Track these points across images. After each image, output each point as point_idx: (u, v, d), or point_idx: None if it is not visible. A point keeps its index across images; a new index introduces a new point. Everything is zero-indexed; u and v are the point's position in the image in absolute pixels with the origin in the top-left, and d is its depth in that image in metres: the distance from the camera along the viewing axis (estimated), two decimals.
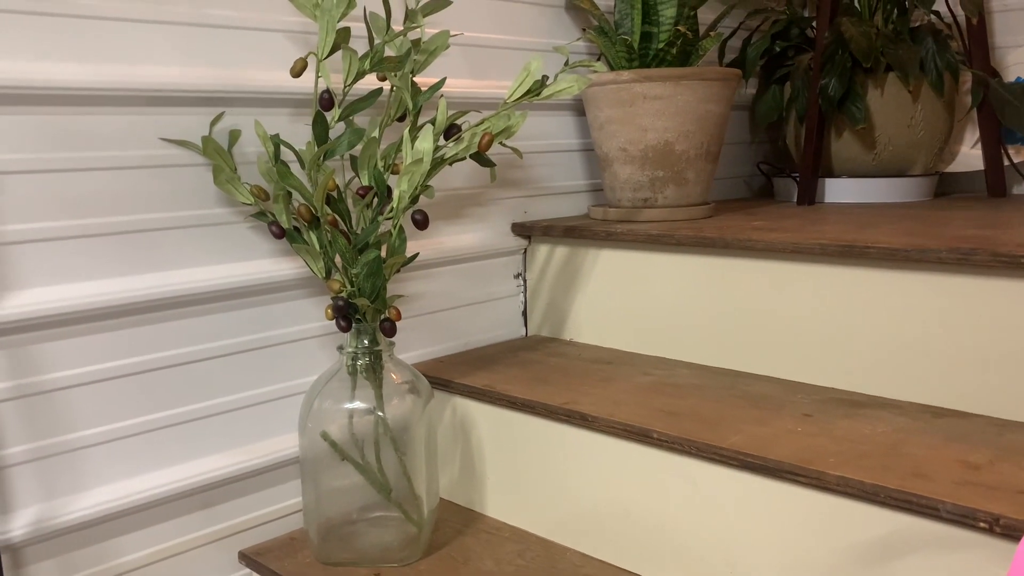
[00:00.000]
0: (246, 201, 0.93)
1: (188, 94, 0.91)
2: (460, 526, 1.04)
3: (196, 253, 0.94)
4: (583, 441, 0.94)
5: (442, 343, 1.21)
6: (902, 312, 0.92)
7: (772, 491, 0.79)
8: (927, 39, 1.34)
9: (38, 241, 0.83)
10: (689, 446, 0.84)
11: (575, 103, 1.33)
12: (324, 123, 0.92)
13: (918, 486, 0.70)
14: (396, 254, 0.91)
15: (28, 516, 0.84)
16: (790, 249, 0.97)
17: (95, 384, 0.88)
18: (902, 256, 0.89)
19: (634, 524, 0.91)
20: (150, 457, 0.93)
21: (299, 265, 1.01)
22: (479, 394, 1.04)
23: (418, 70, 0.97)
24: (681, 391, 0.98)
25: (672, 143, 1.19)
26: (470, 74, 1.19)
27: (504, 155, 1.20)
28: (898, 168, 1.39)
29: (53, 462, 0.86)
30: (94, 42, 0.85)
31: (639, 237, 1.12)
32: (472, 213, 1.22)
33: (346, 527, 0.98)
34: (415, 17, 0.97)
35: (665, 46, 1.22)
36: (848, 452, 0.78)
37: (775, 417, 0.88)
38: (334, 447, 0.94)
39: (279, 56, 0.99)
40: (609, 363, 1.12)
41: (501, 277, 1.27)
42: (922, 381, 0.91)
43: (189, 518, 0.96)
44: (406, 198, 0.89)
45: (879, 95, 1.34)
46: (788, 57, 1.48)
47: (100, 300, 0.86)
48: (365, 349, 0.93)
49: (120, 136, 0.87)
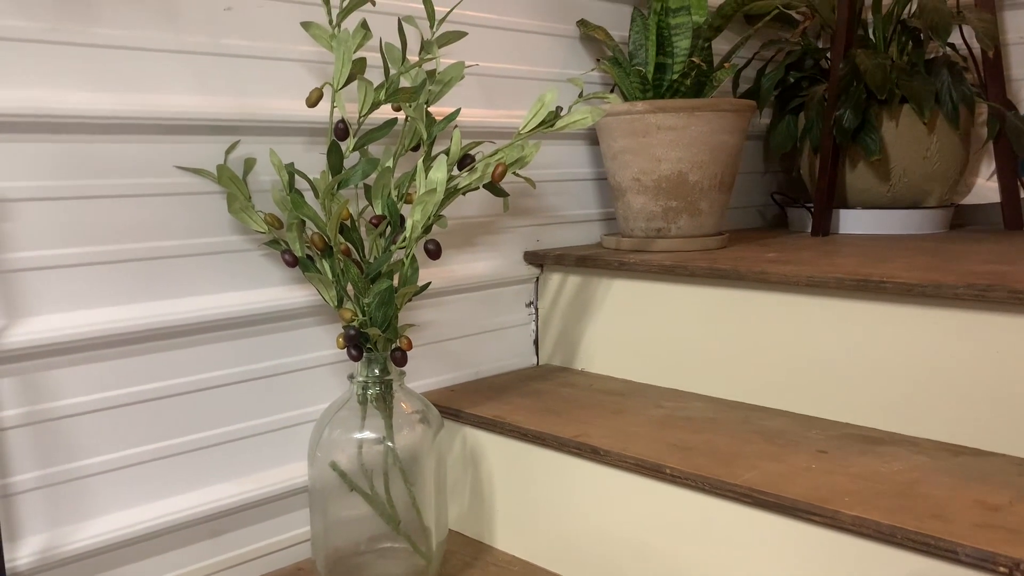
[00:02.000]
0: (260, 229, 0.93)
1: (204, 123, 0.92)
2: (469, 558, 1.03)
3: (209, 280, 0.94)
4: (594, 475, 0.93)
5: (453, 372, 1.20)
6: (918, 347, 0.91)
7: (786, 530, 0.78)
8: (942, 71, 1.33)
9: (51, 268, 0.83)
10: (702, 482, 0.83)
11: (589, 133, 1.34)
12: (339, 152, 0.92)
13: (936, 528, 0.69)
14: (408, 283, 0.90)
15: (35, 544, 0.84)
16: (805, 282, 0.97)
17: (105, 411, 0.87)
18: (918, 291, 0.88)
19: (646, 560, 0.90)
20: (158, 485, 0.92)
21: (311, 293, 1.01)
22: (489, 425, 1.03)
23: (433, 100, 0.97)
24: (694, 425, 0.97)
25: (686, 173, 1.19)
26: (485, 104, 1.20)
27: (517, 184, 1.20)
28: (913, 200, 1.38)
29: (61, 490, 0.86)
30: (112, 71, 0.85)
31: (652, 268, 1.11)
32: (484, 241, 1.22)
33: (354, 558, 0.97)
34: (431, 48, 0.97)
35: (679, 77, 1.22)
36: (864, 491, 0.77)
37: (790, 453, 0.87)
38: (343, 477, 0.93)
39: (295, 85, 0.99)
40: (621, 394, 1.11)
41: (513, 306, 1.27)
42: (940, 418, 0.90)
43: (197, 547, 0.96)
44: (419, 228, 0.89)
45: (894, 127, 1.34)
46: (802, 88, 1.48)
47: (112, 327, 0.86)
48: (376, 378, 0.93)
49: (136, 164, 0.88)
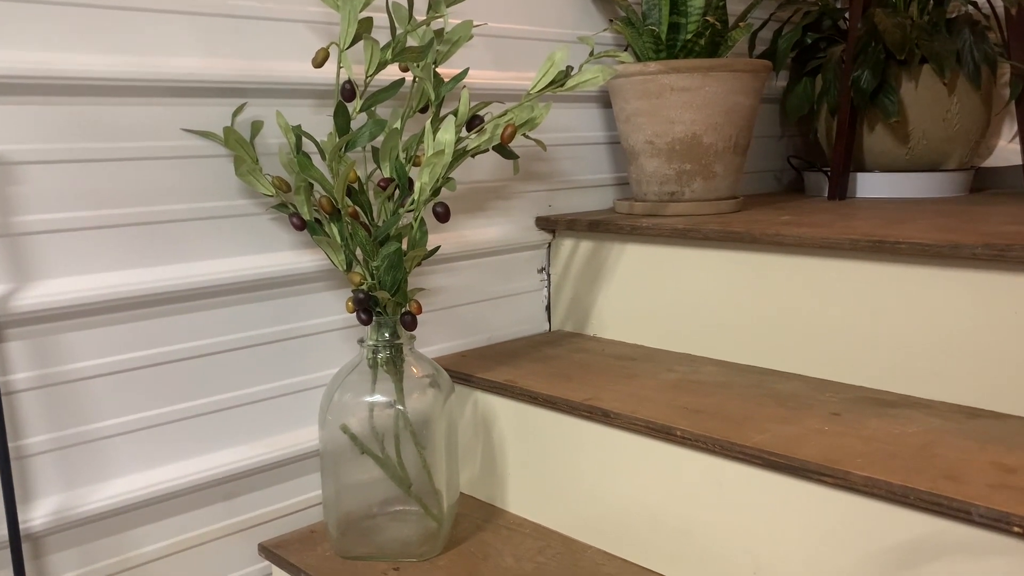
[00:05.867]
0: (267, 192, 0.93)
1: (211, 85, 0.91)
2: (480, 521, 1.03)
3: (217, 244, 0.94)
4: (605, 438, 0.93)
5: (464, 337, 1.20)
6: (934, 309, 0.89)
7: (798, 491, 0.77)
8: (964, 30, 1.30)
9: (61, 232, 0.83)
10: (713, 444, 0.82)
11: (601, 95, 1.32)
12: (346, 114, 0.91)
13: (949, 488, 0.68)
14: (417, 247, 0.90)
15: (49, 506, 0.85)
16: (819, 244, 0.95)
17: (116, 375, 0.88)
18: (934, 252, 0.87)
19: (656, 522, 0.90)
20: (170, 448, 0.93)
21: (320, 257, 1.00)
22: (501, 389, 1.03)
23: (440, 61, 0.96)
24: (706, 388, 0.97)
25: (700, 136, 1.17)
26: (494, 65, 1.18)
27: (528, 148, 1.18)
28: (932, 163, 1.36)
29: (74, 452, 0.86)
30: (118, 32, 0.85)
31: (665, 231, 1.10)
32: (495, 206, 1.21)
33: (366, 521, 0.98)
34: (438, 7, 0.96)
35: (693, 37, 1.20)
36: (877, 453, 0.76)
37: (802, 416, 0.86)
38: (354, 440, 0.93)
39: (301, 47, 0.98)
40: (633, 359, 1.10)
41: (524, 271, 1.26)
42: (955, 380, 0.89)
43: (209, 510, 0.96)
44: (427, 190, 0.88)
45: (913, 88, 1.31)
46: (820, 49, 1.45)
47: (122, 291, 0.86)
48: (386, 342, 0.93)
49: (143, 127, 0.87)
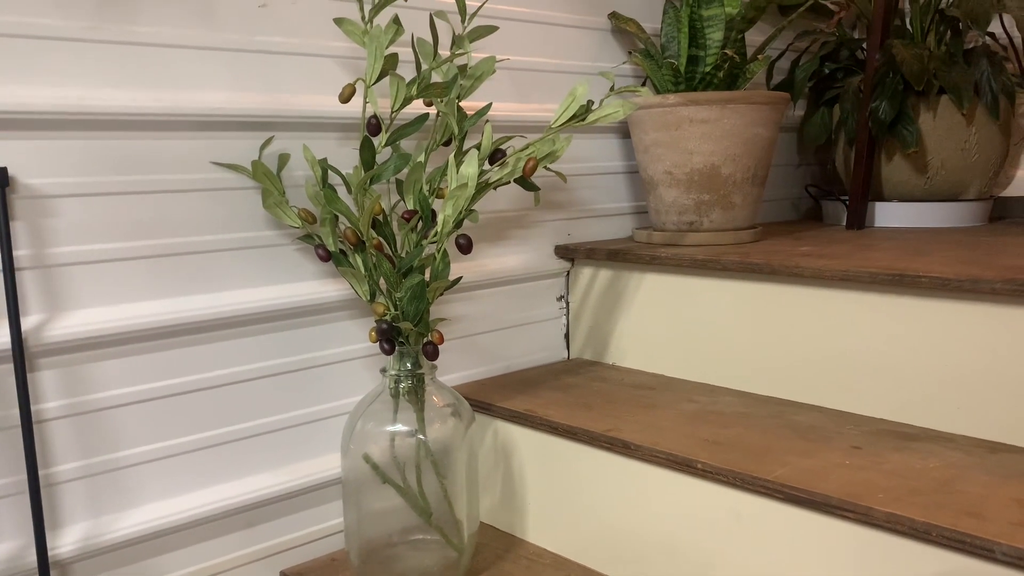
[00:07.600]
0: (294, 224, 0.94)
1: (239, 119, 0.93)
2: (500, 551, 1.04)
3: (245, 275, 0.95)
4: (625, 469, 0.93)
5: (484, 365, 1.21)
6: (955, 343, 0.89)
7: (819, 526, 0.77)
8: (982, 61, 1.31)
9: (93, 263, 0.85)
10: (734, 478, 0.82)
11: (620, 126, 1.33)
12: (371, 148, 0.93)
13: (972, 525, 0.68)
14: (440, 278, 0.91)
15: (77, 533, 0.86)
16: (839, 277, 0.96)
17: (143, 403, 0.89)
18: (955, 286, 0.87)
19: (676, 555, 0.90)
20: (196, 476, 0.94)
21: (344, 288, 1.02)
22: (520, 418, 1.04)
23: (464, 95, 0.97)
24: (726, 420, 0.97)
25: (718, 167, 1.18)
26: (516, 97, 1.20)
27: (548, 177, 1.20)
28: (951, 192, 1.36)
29: (101, 480, 0.88)
30: (149, 68, 0.87)
31: (684, 261, 1.11)
32: (515, 235, 1.23)
33: (387, 550, 0.98)
34: (462, 43, 0.97)
35: (712, 69, 1.21)
36: (898, 488, 0.76)
37: (823, 449, 0.87)
38: (376, 469, 0.94)
39: (328, 81, 1.00)
40: (652, 389, 1.11)
41: (544, 300, 1.27)
42: (976, 414, 0.89)
43: (232, 537, 0.97)
44: (450, 222, 0.89)
45: (931, 118, 1.32)
46: (837, 79, 1.46)
47: (151, 321, 0.88)
48: (408, 372, 0.94)
49: (173, 160, 0.89)
